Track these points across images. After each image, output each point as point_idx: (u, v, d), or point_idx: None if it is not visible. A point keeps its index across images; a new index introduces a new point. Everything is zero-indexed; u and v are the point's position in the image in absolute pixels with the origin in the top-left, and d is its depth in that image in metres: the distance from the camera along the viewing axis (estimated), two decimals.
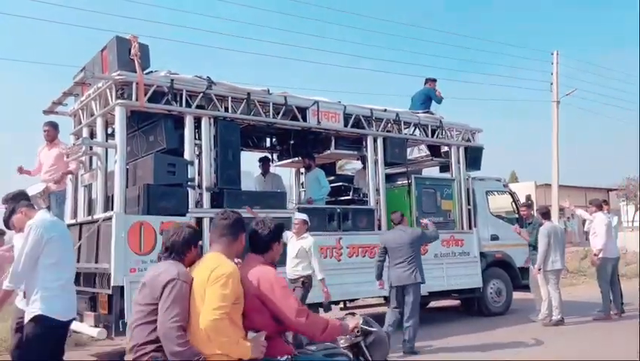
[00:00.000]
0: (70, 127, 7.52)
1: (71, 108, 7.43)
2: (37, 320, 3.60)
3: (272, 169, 9.15)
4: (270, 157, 9.05)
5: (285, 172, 9.81)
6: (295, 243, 6.50)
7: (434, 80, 9.63)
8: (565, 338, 7.36)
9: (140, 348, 2.77)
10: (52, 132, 6.70)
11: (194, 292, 2.71)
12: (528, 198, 10.28)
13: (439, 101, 9.41)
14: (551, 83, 20.65)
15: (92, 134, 7.05)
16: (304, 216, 6.67)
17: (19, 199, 4.26)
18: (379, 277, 7.01)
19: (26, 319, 3.65)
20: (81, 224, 6.86)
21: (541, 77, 22.10)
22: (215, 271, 2.69)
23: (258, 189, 8.40)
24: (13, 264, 3.71)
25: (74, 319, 3.97)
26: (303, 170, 9.79)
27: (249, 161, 9.25)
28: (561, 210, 21.25)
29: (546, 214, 8.74)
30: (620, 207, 32.00)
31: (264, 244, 3.08)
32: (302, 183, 9.75)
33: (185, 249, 2.99)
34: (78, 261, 6.64)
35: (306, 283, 6.43)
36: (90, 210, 6.97)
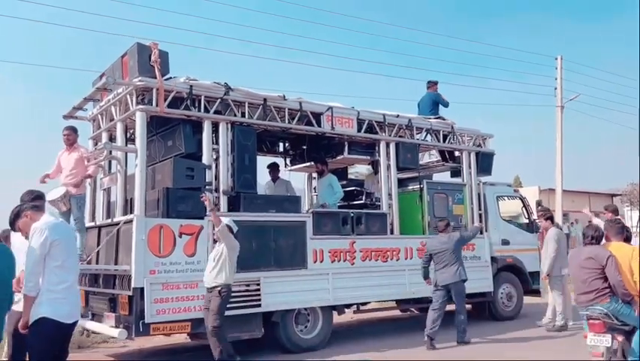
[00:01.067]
0: (88, 131, 7.67)
1: (90, 113, 7.58)
2: (42, 322, 3.66)
3: (283, 173, 9.27)
4: (278, 163, 9.14)
5: (296, 176, 9.91)
6: (217, 247, 5.96)
7: (436, 83, 9.72)
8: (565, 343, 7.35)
9: None
10: (72, 137, 6.83)
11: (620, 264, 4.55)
12: (539, 203, 10.33)
13: (447, 104, 9.51)
14: (555, 88, 20.72)
15: (111, 139, 7.19)
16: (227, 221, 5.93)
17: (25, 201, 4.29)
18: (426, 276, 7.63)
19: (30, 321, 3.68)
20: (100, 227, 7.00)
21: (545, 82, 22.13)
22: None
23: None
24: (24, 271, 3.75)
25: (77, 321, 4.02)
26: (315, 175, 9.92)
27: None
28: (565, 215, 21.25)
29: (552, 219, 8.77)
30: (625, 213, 31.96)
31: None
32: (314, 188, 9.86)
33: None
34: (97, 263, 6.80)
35: (223, 292, 5.78)
36: (109, 213, 7.09)
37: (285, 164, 9.63)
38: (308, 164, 9.12)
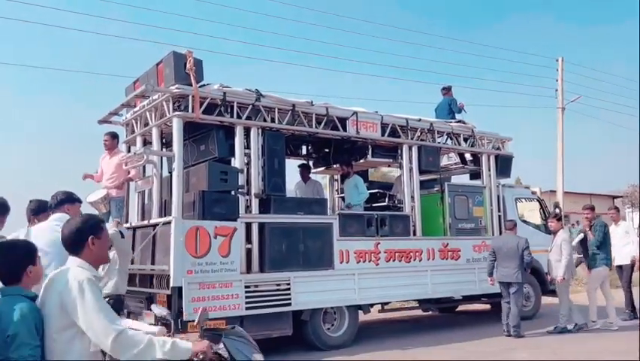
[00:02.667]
0: (122, 136, 7.94)
1: (124, 118, 7.85)
2: None
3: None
4: (309, 165, 9.38)
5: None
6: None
7: (449, 89, 9.93)
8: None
9: None
10: (110, 142, 7.11)
11: None
12: (556, 205, 10.51)
13: (459, 111, 9.71)
14: (556, 90, 20.79)
15: (145, 143, 7.46)
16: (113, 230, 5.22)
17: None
18: (491, 274, 8.12)
19: None
20: (135, 228, 7.27)
21: (546, 84, 22.19)
22: None
23: (299, 196, 8.74)
24: None
25: None
26: (337, 177, 10.16)
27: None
28: (566, 217, 21.37)
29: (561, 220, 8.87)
30: (626, 214, 32.00)
31: None
32: (337, 190, 10.09)
33: None
34: (132, 263, 7.06)
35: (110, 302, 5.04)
36: (143, 214, 7.35)
37: (306, 165, 9.87)
38: (330, 167, 9.36)
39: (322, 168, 9.65)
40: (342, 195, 9.45)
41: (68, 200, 4.20)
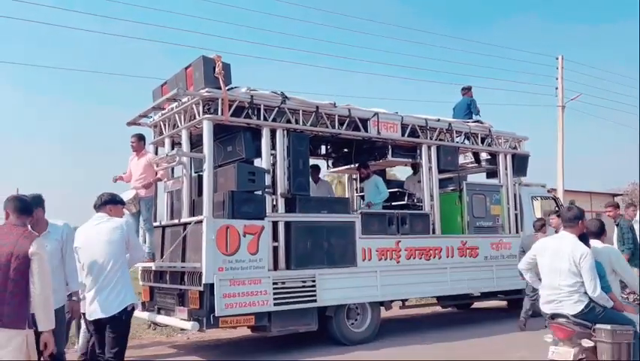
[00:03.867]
0: (149, 137, 8.16)
1: (151, 120, 8.08)
2: (131, 310, 4.25)
3: (323, 175, 9.71)
4: (319, 165, 9.57)
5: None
6: None
7: (469, 89, 10.10)
8: None
9: None
10: (136, 144, 7.34)
11: None
12: (572, 203, 10.64)
13: (477, 112, 9.88)
14: (556, 88, 20.83)
15: (173, 144, 7.70)
16: None
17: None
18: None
19: (116, 311, 4.11)
20: (164, 227, 7.50)
21: (546, 82, 22.13)
22: None
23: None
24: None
25: None
26: (355, 176, 10.36)
27: None
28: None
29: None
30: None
31: None
32: (356, 189, 10.29)
33: None
34: (162, 260, 7.30)
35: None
36: (172, 214, 7.58)
37: (327, 166, 10.09)
38: (349, 166, 9.57)
39: (342, 168, 9.85)
40: (362, 194, 9.66)
41: (112, 201, 4.45)
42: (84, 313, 5.38)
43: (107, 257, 4.11)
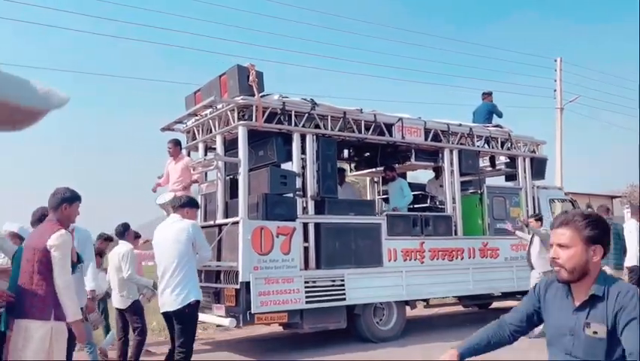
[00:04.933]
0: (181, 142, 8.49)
1: (184, 125, 8.42)
2: (194, 304, 4.59)
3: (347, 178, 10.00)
4: (344, 168, 9.87)
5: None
6: None
7: (490, 94, 10.36)
8: None
9: None
10: (173, 149, 7.68)
11: None
12: (589, 206, 10.85)
13: (501, 115, 10.15)
14: (555, 90, 20.94)
15: (206, 149, 8.03)
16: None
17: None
18: None
19: (181, 305, 4.50)
20: None
21: (544, 84, 22.25)
22: None
23: None
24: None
25: None
26: (377, 179, 10.65)
27: None
28: None
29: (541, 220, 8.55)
30: (624, 214, 31.65)
31: None
32: (378, 192, 10.58)
33: None
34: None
35: None
36: (206, 215, 7.90)
37: (350, 169, 10.38)
38: (373, 170, 9.86)
39: (364, 171, 10.14)
40: (384, 196, 9.93)
41: (189, 204, 4.94)
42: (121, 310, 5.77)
43: (174, 256, 4.48)
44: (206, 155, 7.91)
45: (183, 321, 4.61)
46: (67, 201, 3.66)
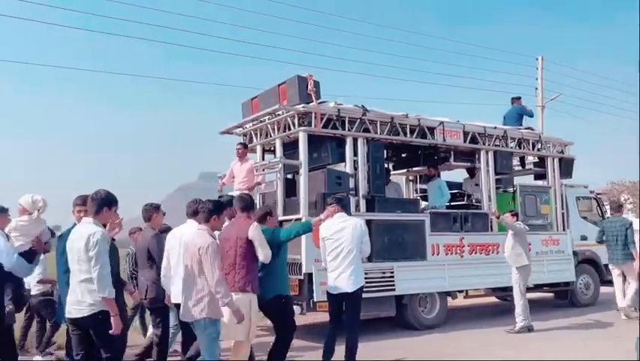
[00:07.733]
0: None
1: (240, 129, 9.08)
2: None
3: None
4: (390, 168, 10.51)
5: None
6: None
7: (519, 98, 10.99)
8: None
9: None
10: (242, 150, 8.30)
11: None
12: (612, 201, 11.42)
13: (532, 115, 10.75)
14: (536, 88, 21.31)
15: (263, 152, 8.70)
16: None
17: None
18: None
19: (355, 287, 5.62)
20: None
21: (526, 82, 22.43)
22: None
23: None
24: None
25: None
26: (412, 177, 11.28)
27: None
28: None
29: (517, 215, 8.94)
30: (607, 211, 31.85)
31: None
32: (415, 190, 11.22)
33: None
34: None
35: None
36: None
37: (388, 169, 11.01)
38: (410, 169, 10.50)
39: (401, 171, 10.79)
40: (422, 194, 10.57)
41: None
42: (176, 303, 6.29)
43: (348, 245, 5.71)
44: (263, 157, 8.58)
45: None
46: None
